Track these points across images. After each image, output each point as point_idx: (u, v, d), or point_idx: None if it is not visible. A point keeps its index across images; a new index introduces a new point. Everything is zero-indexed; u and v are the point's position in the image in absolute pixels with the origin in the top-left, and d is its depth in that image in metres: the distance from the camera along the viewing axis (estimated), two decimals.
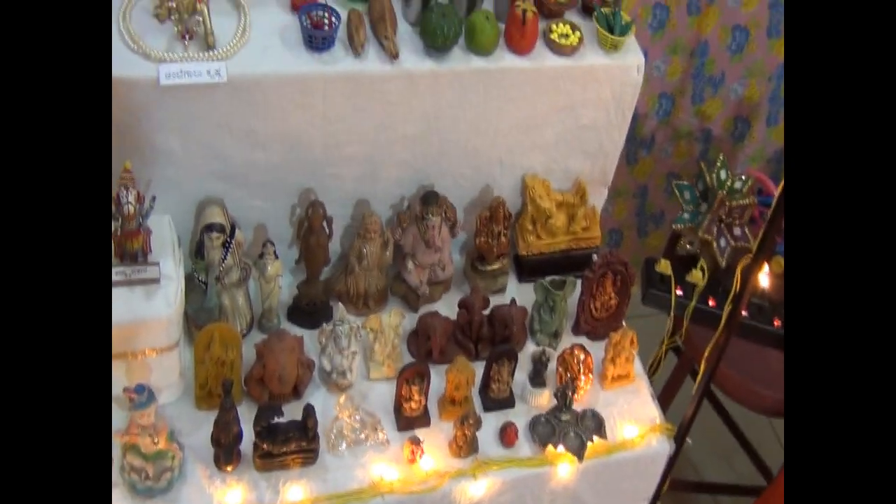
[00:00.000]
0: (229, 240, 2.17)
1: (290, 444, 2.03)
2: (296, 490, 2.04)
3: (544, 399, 2.32)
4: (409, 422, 2.21)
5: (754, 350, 2.51)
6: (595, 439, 2.26)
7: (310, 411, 2.04)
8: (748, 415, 2.83)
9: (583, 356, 2.33)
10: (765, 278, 2.43)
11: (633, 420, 2.35)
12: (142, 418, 1.90)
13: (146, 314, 1.98)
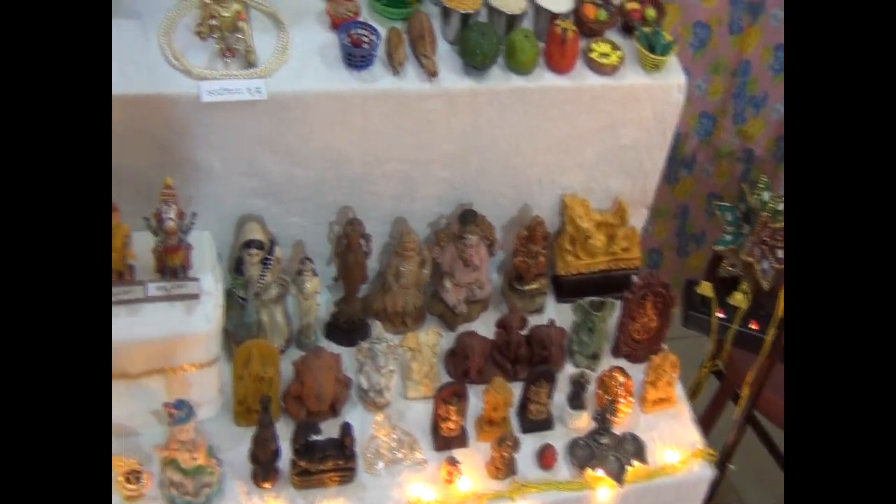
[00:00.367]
0: (268, 256, 2.18)
1: (328, 462, 2.02)
2: None
3: (583, 421, 2.29)
4: (446, 442, 2.18)
5: None
6: (635, 463, 2.21)
7: (347, 429, 2.03)
8: None
9: (622, 379, 2.30)
10: None
11: (674, 445, 2.30)
12: (181, 433, 1.90)
13: (186, 329, 1.99)
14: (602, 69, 2.27)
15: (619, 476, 2.18)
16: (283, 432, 2.05)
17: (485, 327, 2.40)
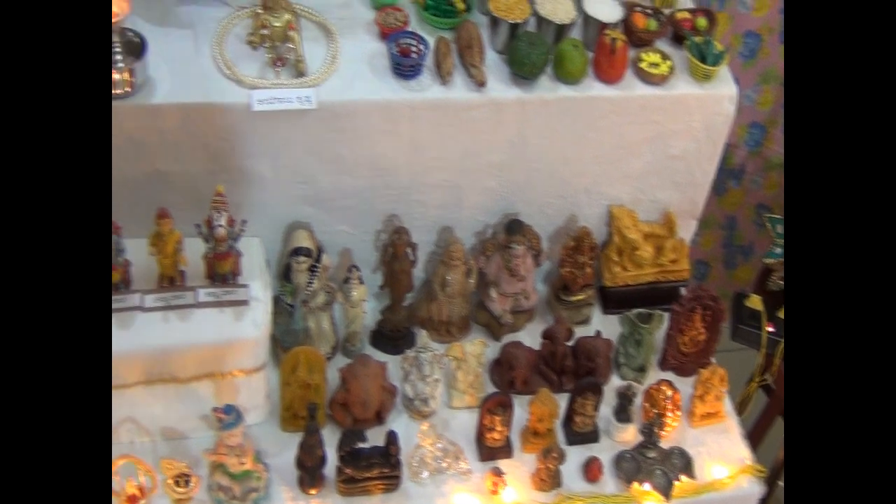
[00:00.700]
0: (316, 264, 2.19)
1: (373, 469, 2.02)
2: None
3: (629, 434, 2.26)
4: (491, 452, 2.17)
5: None
6: (682, 478, 2.18)
7: (393, 438, 2.03)
8: None
9: (670, 392, 2.27)
10: None
11: (723, 460, 2.27)
12: (230, 438, 1.92)
13: (235, 335, 2.01)
14: (652, 79, 2.25)
15: (666, 491, 2.15)
16: (329, 439, 2.06)
17: (530, 338, 2.38)
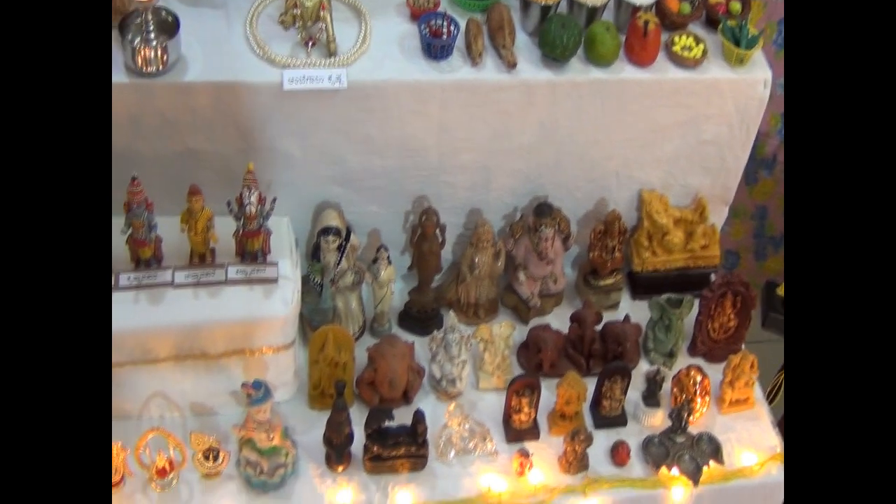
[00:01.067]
0: (344, 243, 2.20)
1: (400, 448, 2.02)
2: (404, 495, 2.04)
3: (658, 419, 2.24)
4: (517, 434, 2.16)
5: None
6: (711, 464, 2.16)
7: (420, 417, 2.03)
8: None
9: (699, 378, 2.25)
10: None
11: (752, 447, 2.25)
12: (258, 414, 1.93)
13: (264, 313, 2.02)
14: (685, 62, 2.23)
15: (695, 476, 2.13)
16: (357, 418, 2.07)
17: (558, 322, 2.37)
